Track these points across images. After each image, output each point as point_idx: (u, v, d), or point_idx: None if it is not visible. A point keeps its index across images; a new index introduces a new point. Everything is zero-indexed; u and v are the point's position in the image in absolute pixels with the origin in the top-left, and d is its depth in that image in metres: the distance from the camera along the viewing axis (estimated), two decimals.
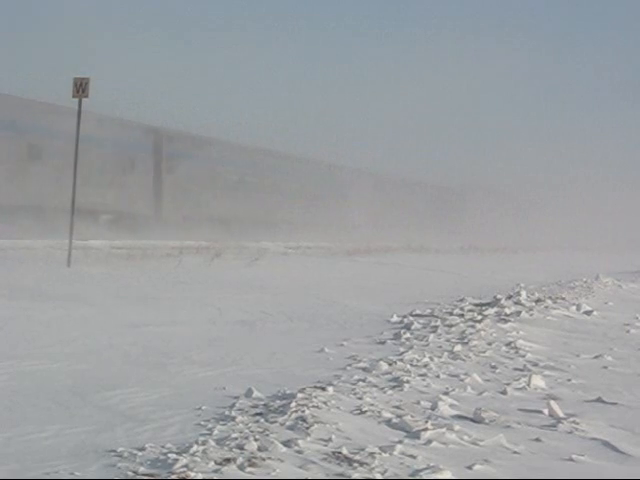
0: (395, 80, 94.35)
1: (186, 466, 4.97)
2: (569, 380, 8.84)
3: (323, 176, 45.91)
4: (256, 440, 5.51)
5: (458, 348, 10.04)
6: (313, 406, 6.51)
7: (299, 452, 5.45)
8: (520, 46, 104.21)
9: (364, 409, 6.68)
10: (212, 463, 5.06)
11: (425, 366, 8.85)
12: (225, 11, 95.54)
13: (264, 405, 6.67)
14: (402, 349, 9.89)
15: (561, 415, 7.04)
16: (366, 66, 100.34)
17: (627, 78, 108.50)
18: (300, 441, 5.61)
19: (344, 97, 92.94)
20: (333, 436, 5.85)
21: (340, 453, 5.49)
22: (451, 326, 12.12)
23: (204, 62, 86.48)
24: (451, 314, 13.64)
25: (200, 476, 4.83)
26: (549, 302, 16.30)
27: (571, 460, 5.88)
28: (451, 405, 7.12)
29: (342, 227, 43.78)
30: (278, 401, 6.76)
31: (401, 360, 9.03)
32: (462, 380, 8.30)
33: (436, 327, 11.96)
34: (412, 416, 6.50)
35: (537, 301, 16.43)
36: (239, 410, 6.50)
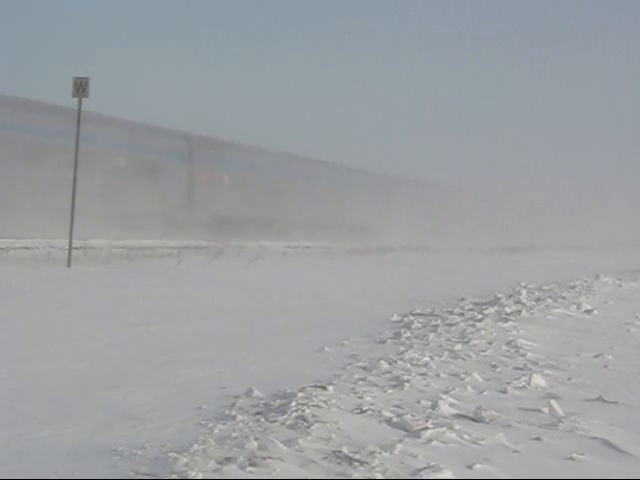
0: (398, 82, 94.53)
1: (186, 465, 4.97)
2: (569, 379, 8.84)
3: (324, 175, 45.82)
4: (256, 439, 5.51)
5: (458, 347, 10.04)
6: (313, 405, 6.51)
7: (299, 451, 5.44)
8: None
9: (364, 408, 6.67)
10: (212, 462, 5.06)
11: (425, 365, 8.84)
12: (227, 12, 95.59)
13: (264, 404, 6.67)
14: (402, 348, 9.89)
15: (561, 414, 7.04)
16: (367, 68, 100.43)
17: (629, 72, 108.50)
18: (300, 440, 5.61)
19: (347, 98, 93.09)
20: (333, 435, 5.84)
21: (340, 452, 5.49)
22: (451, 325, 12.12)
23: (206, 63, 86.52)
24: (451, 313, 13.64)
25: (200, 475, 4.83)
26: (549, 301, 16.31)
27: (571, 459, 5.87)
28: (451, 404, 7.11)
29: (343, 227, 43.69)
30: (278, 400, 6.76)
31: (401, 359, 9.03)
32: (462, 379, 8.29)
33: (436, 326, 11.96)
34: (412, 415, 6.50)
35: (537, 300, 16.44)
36: (239, 409, 6.49)
